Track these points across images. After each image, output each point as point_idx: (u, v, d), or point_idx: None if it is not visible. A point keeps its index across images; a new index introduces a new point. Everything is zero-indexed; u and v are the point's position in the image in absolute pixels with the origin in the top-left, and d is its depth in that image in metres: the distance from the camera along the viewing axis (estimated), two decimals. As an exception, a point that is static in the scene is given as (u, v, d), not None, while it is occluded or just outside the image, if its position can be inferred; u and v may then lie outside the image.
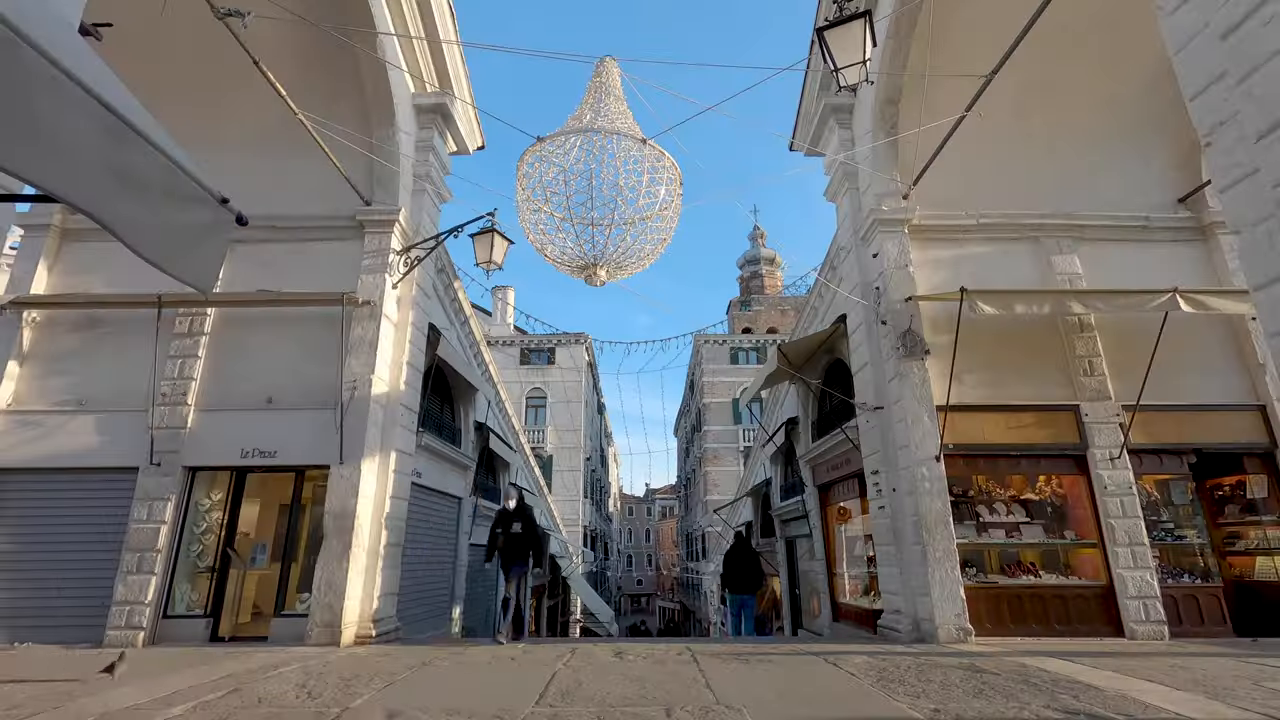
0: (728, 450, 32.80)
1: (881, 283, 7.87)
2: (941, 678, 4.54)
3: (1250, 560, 7.23)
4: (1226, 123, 2.91)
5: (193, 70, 7.79)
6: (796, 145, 9.84)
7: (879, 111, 7.92)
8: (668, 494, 68.73)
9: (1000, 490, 7.67)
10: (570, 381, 32.49)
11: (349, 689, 4.25)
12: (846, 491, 9.79)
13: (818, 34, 5.44)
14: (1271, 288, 2.75)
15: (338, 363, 7.32)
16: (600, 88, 6.24)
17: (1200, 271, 8.13)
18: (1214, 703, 3.73)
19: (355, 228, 7.98)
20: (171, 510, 7.01)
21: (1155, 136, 8.53)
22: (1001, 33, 5.92)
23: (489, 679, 4.65)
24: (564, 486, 30.46)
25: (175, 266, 2.13)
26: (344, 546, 6.75)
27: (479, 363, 12.65)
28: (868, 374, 8.00)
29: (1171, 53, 3.22)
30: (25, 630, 6.65)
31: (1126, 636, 6.67)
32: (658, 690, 4.18)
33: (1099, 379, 7.56)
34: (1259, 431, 7.50)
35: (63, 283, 7.98)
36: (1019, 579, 7.13)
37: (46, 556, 6.94)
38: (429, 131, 8.72)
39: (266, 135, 8.11)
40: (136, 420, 7.29)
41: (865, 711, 3.68)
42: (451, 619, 10.52)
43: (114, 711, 3.68)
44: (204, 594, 7.15)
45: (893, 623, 7.15)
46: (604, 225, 5.79)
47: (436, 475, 9.73)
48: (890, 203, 8.05)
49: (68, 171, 1.67)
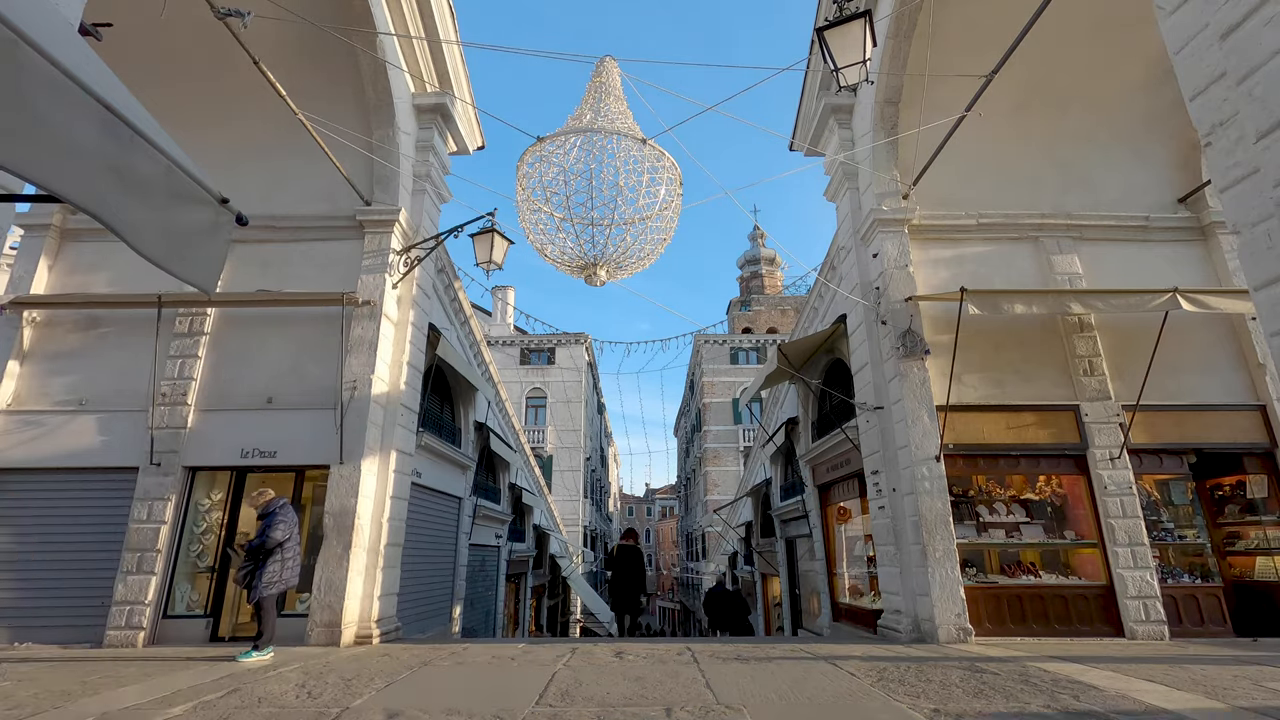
0: (728, 450, 32.81)
1: (881, 283, 7.88)
2: (941, 678, 4.54)
3: (1250, 560, 7.23)
4: (1226, 123, 2.91)
5: (193, 70, 7.80)
6: (796, 145, 9.84)
7: (879, 111, 7.92)
8: (668, 494, 68.74)
9: (1000, 490, 7.68)
10: (570, 381, 32.48)
11: (349, 689, 4.25)
12: (846, 491, 9.79)
13: (818, 34, 5.44)
14: (1271, 288, 2.75)
15: (338, 363, 7.33)
16: (600, 88, 6.24)
17: (1200, 271, 8.13)
18: (1214, 702, 3.73)
19: (355, 228, 7.98)
20: (171, 510, 7.02)
21: (1155, 136, 8.54)
22: (1001, 33, 5.93)
23: (489, 679, 4.65)
24: (564, 486, 30.47)
25: (177, 266, 2.13)
26: (344, 546, 6.76)
27: (479, 363, 12.65)
28: (868, 374, 8.00)
29: (1171, 53, 3.22)
30: (25, 630, 6.66)
31: (1126, 636, 6.67)
32: (658, 690, 4.18)
33: (1099, 379, 7.56)
34: (1259, 431, 7.51)
35: (63, 282, 7.99)
36: (1019, 579, 7.13)
37: (46, 556, 6.94)
38: (429, 131, 8.73)
39: (267, 135, 8.14)
40: (136, 420, 7.30)
41: (865, 711, 3.68)
42: (451, 619, 10.52)
43: (114, 711, 3.69)
44: (204, 594, 7.15)
45: (893, 623, 7.15)
46: (604, 225, 5.78)
47: (436, 475, 9.73)
48: (890, 203, 8.05)
49: (69, 171, 1.68)
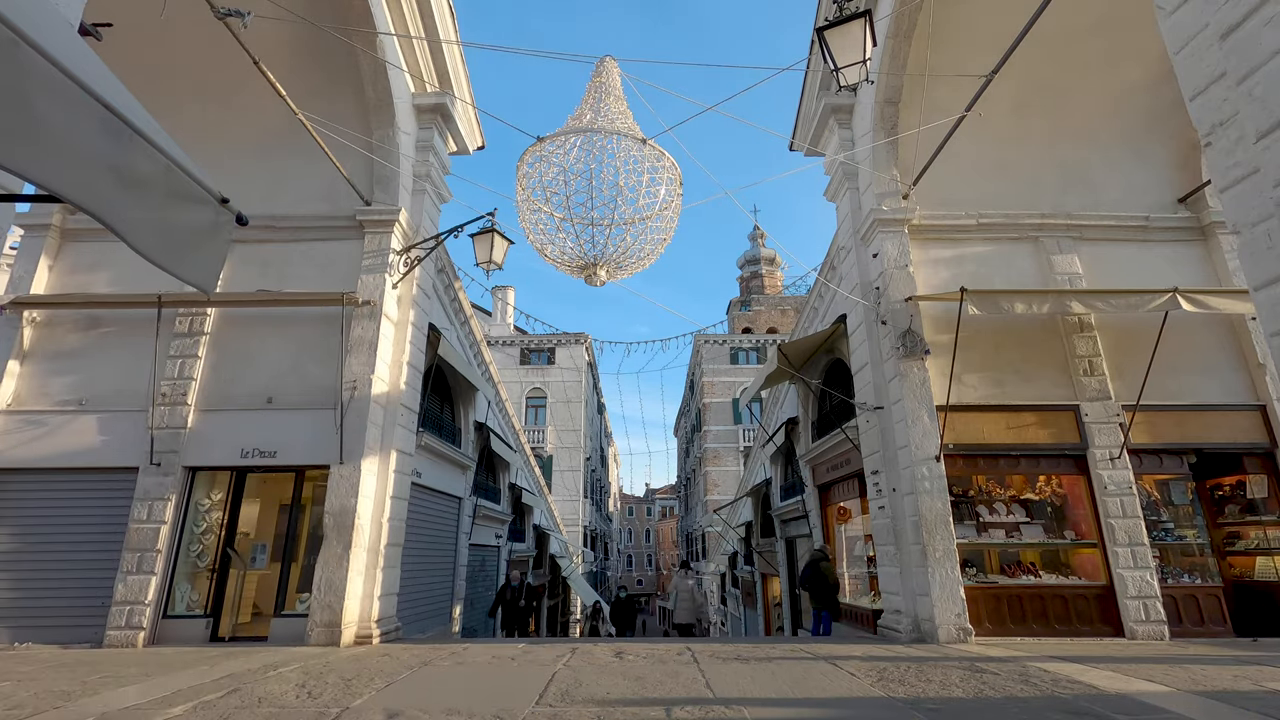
0: (728, 450, 32.81)
1: (881, 283, 7.87)
2: (941, 677, 4.54)
3: (1250, 560, 7.23)
4: (1226, 123, 2.91)
5: (193, 71, 7.80)
6: (796, 145, 9.84)
7: (879, 111, 7.92)
8: (668, 494, 68.73)
9: (1000, 490, 7.68)
10: (570, 381, 32.48)
11: (349, 689, 4.25)
12: (846, 491, 9.79)
13: (818, 34, 5.44)
14: (1271, 288, 2.75)
15: (338, 363, 7.33)
16: (600, 88, 6.24)
17: (1200, 271, 8.13)
18: (1214, 703, 3.73)
19: (355, 228, 7.98)
20: (171, 510, 7.01)
21: (1155, 136, 8.54)
22: (1001, 33, 5.93)
23: (489, 679, 4.65)
24: (564, 486, 30.47)
25: (177, 266, 2.13)
26: (344, 546, 6.75)
27: (479, 363, 12.65)
28: (868, 374, 8.00)
29: (1171, 53, 3.22)
30: (26, 630, 6.66)
31: (1126, 636, 6.67)
32: (658, 690, 4.18)
33: (1099, 379, 7.56)
34: (1259, 431, 7.51)
35: (63, 282, 7.99)
36: (1019, 579, 7.13)
37: (47, 556, 6.94)
38: (429, 131, 8.73)
39: (267, 135, 8.14)
40: (137, 420, 7.30)
41: (865, 712, 3.68)
42: (451, 619, 10.52)
43: (114, 711, 3.69)
44: (204, 594, 7.15)
45: (893, 623, 7.15)
46: (604, 225, 5.78)
47: (436, 475, 9.73)
48: (890, 203, 8.05)
49: (69, 171, 1.67)
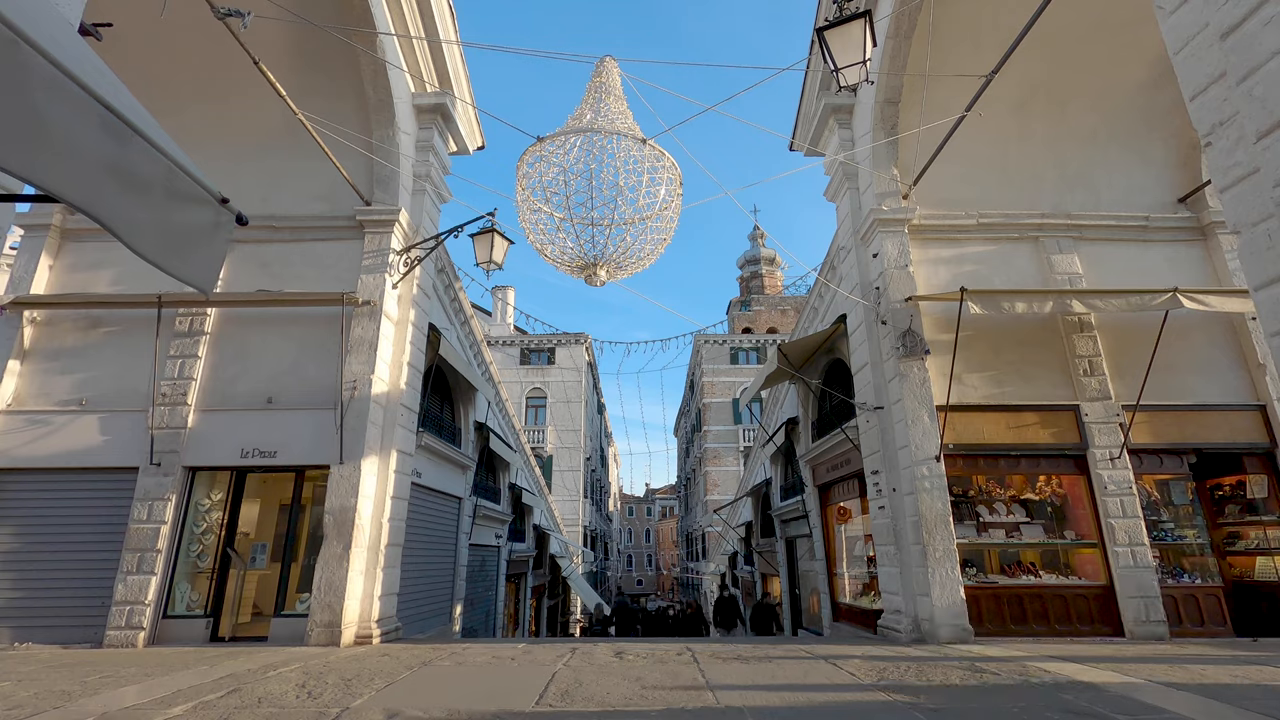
0: (728, 450, 32.82)
1: (881, 283, 7.87)
2: (941, 677, 4.54)
3: (1250, 560, 7.23)
4: (1226, 123, 2.91)
5: (193, 71, 7.80)
6: (796, 145, 9.84)
7: (879, 111, 7.92)
8: (668, 494, 68.76)
9: (1000, 490, 7.68)
10: (570, 381, 32.48)
11: (349, 689, 4.25)
12: (846, 491, 9.79)
13: (818, 34, 5.44)
14: (1271, 288, 2.75)
15: (338, 363, 7.33)
16: (600, 88, 6.23)
17: (1200, 271, 8.13)
18: (1214, 702, 3.73)
19: (355, 228, 7.98)
20: (171, 510, 7.01)
21: (1155, 136, 8.53)
22: (1002, 33, 5.94)
23: (489, 679, 4.65)
24: (564, 486, 30.46)
25: (176, 266, 2.13)
26: (344, 546, 6.76)
27: (479, 363, 12.65)
28: (868, 374, 8.00)
29: (1171, 53, 3.22)
30: (26, 630, 6.66)
31: (1126, 636, 6.67)
32: (658, 690, 4.18)
33: (1099, 379, 7.55)
34: (1259, 431, 7.51)
35: (63, 282, 7.99)
36: (1019, 579, 7.13)
37: (47, 556, 6.94)
38: (429, 131, 8.73)
39: (267, 135, 8.14)
40: (137, 420, 7.30)
41: (865, 712, 3.68)
42: (452, 619, 10.52)
43: (114, 711, 3.69)
44: (204, 594, 7.15)
45: (893, 623, 7.15)
46: (604, 225, 5.78)
47: (436, 475, 9.73)
48: (890, 203, 8.05)
49: (68, 171, 1.67)
